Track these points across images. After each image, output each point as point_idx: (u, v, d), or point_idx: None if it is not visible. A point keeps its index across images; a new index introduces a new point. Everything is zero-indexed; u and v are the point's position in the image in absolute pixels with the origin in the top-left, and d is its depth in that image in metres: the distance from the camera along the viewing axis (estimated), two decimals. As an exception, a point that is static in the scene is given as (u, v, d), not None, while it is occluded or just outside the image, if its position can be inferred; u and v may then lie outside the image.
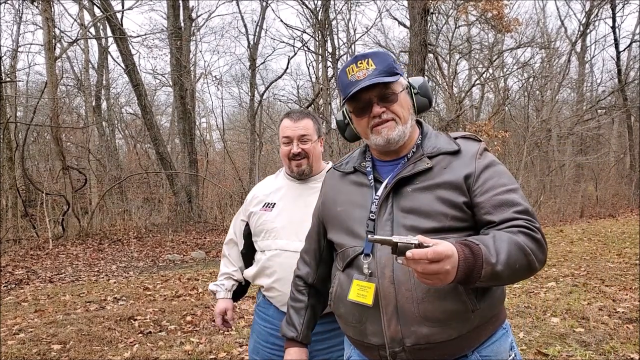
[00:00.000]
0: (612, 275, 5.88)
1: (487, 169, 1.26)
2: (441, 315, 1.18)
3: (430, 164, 1.27)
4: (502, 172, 1.27)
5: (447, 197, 1.22)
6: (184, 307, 5.03)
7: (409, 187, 1.26)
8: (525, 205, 1.21)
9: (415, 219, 1.22)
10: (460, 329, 1.20)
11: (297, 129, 1.84)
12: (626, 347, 3.50)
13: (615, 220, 12.91)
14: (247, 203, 2.00)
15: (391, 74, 1.28)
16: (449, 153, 1.29)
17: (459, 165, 1.26)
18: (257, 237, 1.92)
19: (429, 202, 1.23)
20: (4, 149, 9.90)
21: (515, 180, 1.28)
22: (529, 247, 1.11)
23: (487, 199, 1.21)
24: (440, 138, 1.35)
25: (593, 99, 19.76)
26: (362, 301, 1.24)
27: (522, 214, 1.18)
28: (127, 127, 19.76)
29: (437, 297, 1.18)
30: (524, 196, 1.25)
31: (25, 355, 3.72)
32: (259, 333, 1.92)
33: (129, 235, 10.80)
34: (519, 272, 1.10)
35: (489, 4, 11.20)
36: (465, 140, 1.33)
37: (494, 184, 1.23)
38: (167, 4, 14.27)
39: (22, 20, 14.92)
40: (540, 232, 1.16)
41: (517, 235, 1.12)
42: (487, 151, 1.32)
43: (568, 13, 38.06)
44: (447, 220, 1.21)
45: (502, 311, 1.32)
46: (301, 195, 1.88)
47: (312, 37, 16.89)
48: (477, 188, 1.23)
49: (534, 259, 1.11)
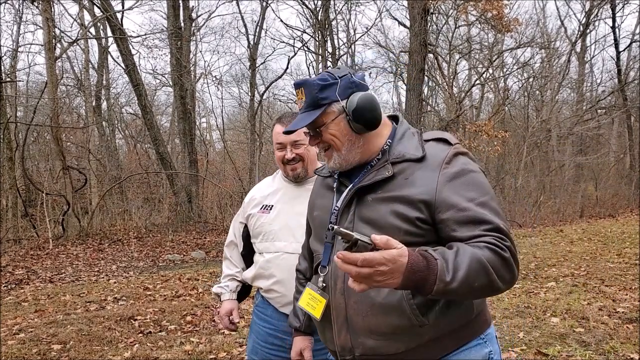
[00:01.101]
0: (612, 275, 5.88)
1: (453, 180, 1.16)
2: (386, 329, 1.18)
3: (392, 171, 1.21)
4: (471, 182, 1.17)
5: (402, 211, 1.16)
6: (184, 307, 5.03)
7: (370, 195, 1.23)
8: (496, 221, 1.11)
9: (371, 230, 1.18)
10: (408, 343, 1.19)
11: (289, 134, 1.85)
12: (626, 347, 3.50)
13: (615, 220, 12.91)
14: (245, 205, 2.01)
15: (316, 106, 1.24)
16: (412, 160, 1.21)
17: (421, 177, 1.18)
18: (255, 239, 1.92)
19: (384, 215, 1.19)
20: (4, 149, 9.90)
21: (488, 190, 1.18)
22: (493, 265, 1.05)
23: (451, 216, 1.13)
24: (410, 141, 1.27)
25: (593, 99, 19.75)
26: (311, 312, 1.30)
27: (491, 232, 1.10)
28: (127, 127, 19.76)
29: (380, 312, 1.17)
30: (496, 209, 1.15)
31: (25, 355, 3.72)
32: (258, 333, 1.92)
33: (129, 235, 10.80)
34: (477, 290, 1.05)
35: (489, 4, 11.20)
36: (436, 144, 1.24)
37: (460, 199, 1.14)
38: (167, 4, 14.27)
39: (22, 20, 14.94)
40: (509, 251, 1.08)
41: (482, 250, 1.06)
42: (461, 155, 1.22)
43: (568, 13, 38.02)
44: (400, 234, 1.15)
45: (475, 323, 1.25)
46: (298, 197, 1.88)
47: (312, 37, 16.90)
48: (440, 203, 1.14)
49: (495, 278, 1.05)
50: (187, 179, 13.42)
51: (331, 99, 1.24)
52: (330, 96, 1.24)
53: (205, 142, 20.82)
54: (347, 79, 1.25)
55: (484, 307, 1.29)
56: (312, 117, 1.24)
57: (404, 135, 1.30)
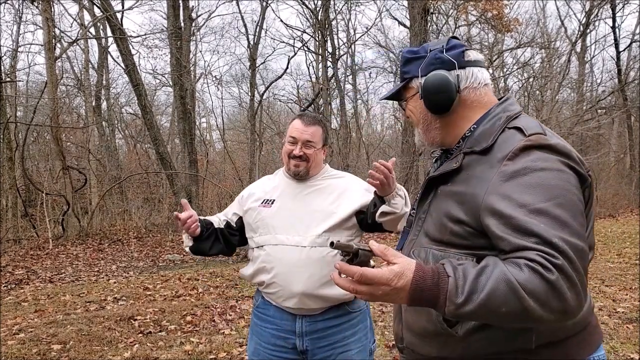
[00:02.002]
0: (612, 275, 5.88)
1: (510, 181, 0.96)
2: (417, 329, 1.16)
3: (460, 163, 1.09)
4: (532, 184, 0.94)
5: (451, 209, 1.06)
6: (184, 307, 5.03)
7: (442, 187, 1.14)
8: (549, 234, 0.89)
9: (430, 224, 1.14)
10: (439, 350, 1.11)
11: (305, 132, 1.86)
12: (626, 347, 3.50)
13: (615, 220, 12.91)
14: (243, 200, 2.00)
15: (401, 79, 1.23)
16: (479, 152, 1.07)
17: (479, 173, 1.04)
18: (254, 232, 1.91)
19: (440, 210, 1.11)
20: (4, 149, 9.90)
21: (557, 194, 0.93)
22: (531, 289, 0.85)
23: (493, 223, 0.95)
24: (492, 127, 1.10)
25: (593, 99, 19.74)
26: None
27: (540, 245, 0.88)
28: (127, 127, 19.75)
29: (414, 310, 1.14)
30: (561, 218, 0.91)
31: (25, 355, 3.72)
32: (260, 335, 1.91)
33: (129, 235, 10.80)
34: (507, 317, 0.88)
35: (489, 4, 11.21)
36: (514, 133, 1.05)
37: (508, 204, 0.94)
38: (167, 4, 14.25)
39: (22, 20, 14.94)
40: (559, 272, 0.86)
41: (518, 269, 0.87)
42: (535, 149, 0.99)
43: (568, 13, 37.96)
44: (447, 233, 1.07)
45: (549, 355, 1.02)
46: (300, 193, 1.90)
47: (312, 37, 16.90)
48: (486, 207, 0.98)
49: (533, 305, 0.85)
50: (187, 179, 13.42)
51: (412, 74, 1.19)
52: (412, 71, 1.19)
53: (205, 142, 20.81)
54: (434, 54, 1.16)
55: (572, 339, 1.04)
56: (393, 90, 1.24)
57: (491, 119, 1.12)
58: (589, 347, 1.05)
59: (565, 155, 0.99)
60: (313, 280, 1.76)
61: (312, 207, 1.85)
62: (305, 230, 1.80)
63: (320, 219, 1.82)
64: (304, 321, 1.83)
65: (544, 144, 0.99)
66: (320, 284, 1.77)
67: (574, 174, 0.99)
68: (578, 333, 1.04)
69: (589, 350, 1.04)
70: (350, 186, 1.92)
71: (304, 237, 1.79)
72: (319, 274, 1.76)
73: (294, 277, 1.77)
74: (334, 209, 1.84)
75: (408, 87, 1.22)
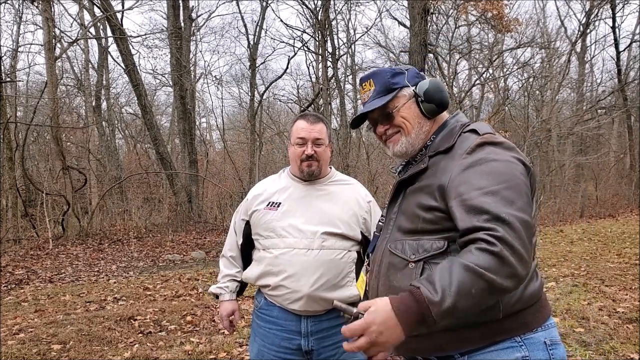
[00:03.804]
0: (612, 275, 5.88)
1: (469, 169, 1.14)
2: None
3: (426, 164, 1.27)
4: (487, 171, 1.12)
5: (422, 200, 1.22)
6: (184, 307, 5.03)
7: (410, 188, 1.31)
8: (498, 210, 1.04)
9: (402, 219, 1.28)
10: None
11: (312, 131, 1.87)
12: (626, 347, 3.50)
13: (615, 220, 12.91)
14: (249, 202, 1.99)
15: (388, 91, 1.34)
16: (442, 152, 1.26)
17: (445, 166, 1.21)
18: (260, 235, 1.91)
19: (411, 204, 1.26)
20: (4, 149, 9.90)
21: (508, 179, 1.11)
22: (483, 265, 0.98)
23: (455, 205, 1.12)
24: (450, 133, 1.31)
25: (593, 99, 19.76)
26: (360, 291, 1.44)
27: (489, 222, 1.03)
28: (127, 127, 19.75)
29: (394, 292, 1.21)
30: (510, 197, 1.07)
31: (25, 355, 3.72)
32: (265, 336, 1.90)
33: (129, 235, 10.80)
34: (480, 296, 0.99)
35: (489, 4, 11.20)
36: (469, 134, 1.25)
37: (467, 187, 1.11)
38: (167, 4, 14.27)
39: (22, 20, 14.95)
40: (500, 243, 1.00)
41: (470, 254, 1.01)
42: (488, 145, 1.19)
43: (568, 13, 37.95)
44: (420, 222, 1.22)
45: (507, 323, 1.17)
46: (307, 196, 1.90)
47: (312, 37, 16.90)
48: (450, 191, 1.15)
49: (493, 277, 0.98)
50: (187, 179, 13.42)
51: (402, 84, 1.35)
52: (401, 82, 1.35)
53: (205, 142, 20.81)
54: (413, 70, 1.38)
55: (528, 310, 1.20)
56: (385, 100, 1.33)
57: (449, 128, 1.34)
58: (541, 315, 1.23)
59: (512, 150, 1.20)
60: (320, 284, 1.78)
61: (319, 212, 1.86)
62: (313, 234, 1.81)
63: (328, 224, 1.84)
64: (309, 321, 1.84)
65: (495, 141, 1.20)
66: (327, 287, 1.78)
67: (521, 164, 1.18)
68: (532, 305, 1.21)
69: (542, 318, 1.23)
70: (357, 202, 1.93)
71: (312, 241, 1.80)
72: (327, 276, 1.78)
73: (302, 280, 1.78)
74: (340, 217, 1.86)
75: (398, 97, 1.35)
